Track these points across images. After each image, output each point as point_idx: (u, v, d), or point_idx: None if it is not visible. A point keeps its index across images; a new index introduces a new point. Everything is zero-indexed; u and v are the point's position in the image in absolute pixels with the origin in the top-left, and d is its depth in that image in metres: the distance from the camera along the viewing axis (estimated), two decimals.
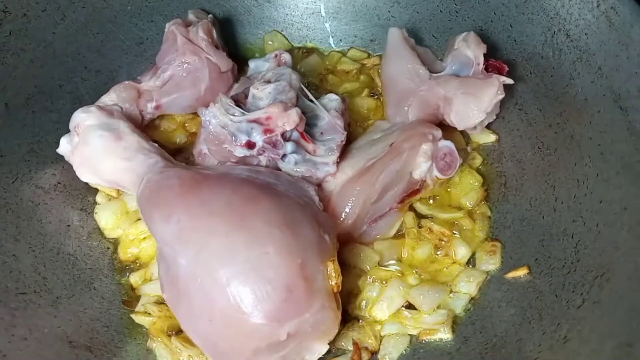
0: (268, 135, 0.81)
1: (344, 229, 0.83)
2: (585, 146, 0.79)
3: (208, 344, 0.71)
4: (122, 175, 0.83)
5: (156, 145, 0.87)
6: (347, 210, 0.83)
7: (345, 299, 0.80)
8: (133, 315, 0.80)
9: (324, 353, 0.73)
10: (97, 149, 0.83)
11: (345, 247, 0.83)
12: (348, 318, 0.79)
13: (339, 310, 0.72)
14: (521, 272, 0.77)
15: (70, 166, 0.86)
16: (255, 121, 0.82)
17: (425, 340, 0.77)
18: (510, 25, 0.94)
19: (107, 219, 0.88)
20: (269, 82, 0.88)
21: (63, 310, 0.77)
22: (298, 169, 0.83)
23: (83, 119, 0.85)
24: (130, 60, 1.02)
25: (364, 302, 0.81)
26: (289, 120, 0.80)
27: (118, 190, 0.89)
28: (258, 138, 0.82)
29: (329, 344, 0.73)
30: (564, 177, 0.81)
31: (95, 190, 0.91)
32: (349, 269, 0.83)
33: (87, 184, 0.88)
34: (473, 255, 0.84)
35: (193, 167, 0.85)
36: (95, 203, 0.90)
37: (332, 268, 0.72)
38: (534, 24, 0.90)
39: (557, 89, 0.86)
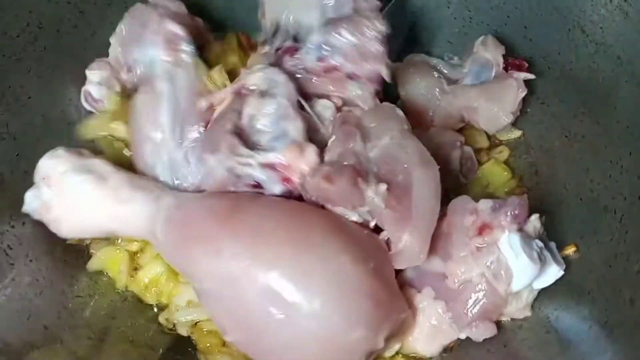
0: (287, 185, 0.73)
1: None
2: (613, 129, 0.83)
3: None
4: (121, 222, 0.73)
5: (145, 175, 0.78)
6: None
7: None
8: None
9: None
10: (81, 198, 0.72)
11: None
12: None
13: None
14: (569, 250, 0.78)
15: None
16: (269, 166, 0.72)
17: None
18: (525, 27, 0.99)
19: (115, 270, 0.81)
20: (263, 95, 0.76)
21: None
22: None
23: (53, 166, 0.73)
24: None
25: None
26: (308, 162, 0.72)
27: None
28: (275, 189, 0.73)
29: None
30: (596, 160, 0.84)
31: None
32: None
33: None
34: None
35: (203, 192, 0.77)
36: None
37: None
38: (548, 24, 0.95)
39: (577, 81, 0.91)
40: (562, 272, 0.72)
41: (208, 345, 0.77)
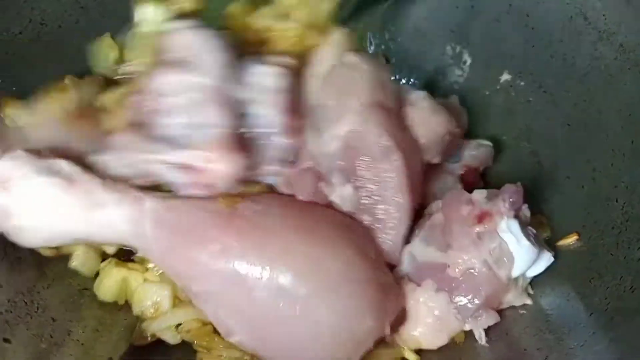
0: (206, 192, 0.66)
1: None
2: (615, 118, 0.83)
3: None
4: (99, 227, 0.66)
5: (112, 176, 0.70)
6: None
7: None
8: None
9: None
10: (47, 203, 0.64)
11: None
12: None
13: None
14: (571, 239, 0.79)
15: None
16: (184, 167, 0.65)
17: None
18: (527, 15, 0.99)
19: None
20: (174, 65, 0.61)
21: None
22: None
23: (11, 168, 0.64)
24: None
25: None
26: (235, 169, 0.64)
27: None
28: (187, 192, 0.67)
29: None
30: (598, 149, 0.84)
31: None
32: None
33: None
34: None
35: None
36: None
37: None
38: (551, 12, 0.95)
39: (579, 70, 0.90)
40: (552, 259, 0.73)
41: (207, 340, 0.75)
